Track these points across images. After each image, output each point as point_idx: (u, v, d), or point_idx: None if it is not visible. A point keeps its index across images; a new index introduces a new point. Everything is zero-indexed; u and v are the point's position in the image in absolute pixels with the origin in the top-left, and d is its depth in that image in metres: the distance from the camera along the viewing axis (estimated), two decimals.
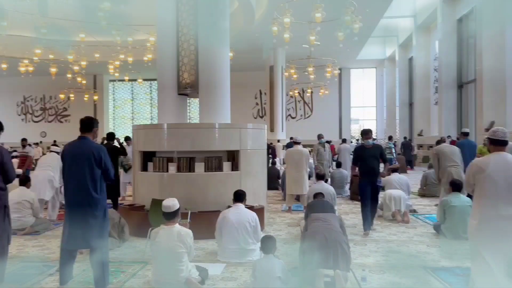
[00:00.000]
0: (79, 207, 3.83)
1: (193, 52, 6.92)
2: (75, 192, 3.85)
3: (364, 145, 6.39)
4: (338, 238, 3.95)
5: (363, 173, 6.28)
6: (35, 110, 29.29)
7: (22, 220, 6.24)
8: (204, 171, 6.40)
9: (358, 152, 6.44)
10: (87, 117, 4.07)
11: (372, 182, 6.21)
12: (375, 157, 6.24)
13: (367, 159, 6.21)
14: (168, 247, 3.85)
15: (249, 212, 5.13)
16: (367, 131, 6.40)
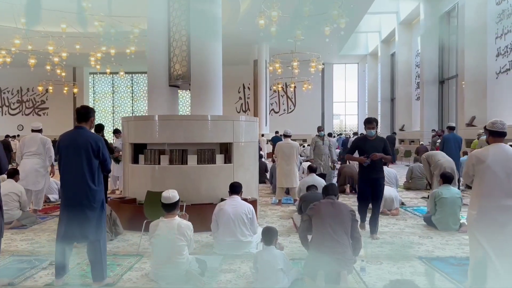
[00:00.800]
0: (76, 199, 3.74)
1: (185, 43, 6.83)
2: (72, 183, 3.75)
3: (366, 136, 5.63)
4: (344, 260, 3.78)
5: (364, 169, 5.52)
6: (11, 102, 28.52)
7: (9, 213, 6.05)
8: (197, 164, 6.34)
9: (358, 144, 5.68)
10: (83, 106, 3.97)
11: (374, 180, 5.52)
12: (378, 150, 5.48)
13: (369, 153, 5.44)
14: (168, 239, 3.80)
15: (246, 204, 5.10)
16: (370, 120, 5.60)
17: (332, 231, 3.81)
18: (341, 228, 3.85)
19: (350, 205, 4.73)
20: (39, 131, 7.47)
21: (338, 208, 3.97)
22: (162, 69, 6.99)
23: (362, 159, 5.44)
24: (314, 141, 9.34)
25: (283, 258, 3.76)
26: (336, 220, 3.86)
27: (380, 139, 5.65)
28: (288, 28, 14.49)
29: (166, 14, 6.97)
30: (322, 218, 3.89)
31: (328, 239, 3.78)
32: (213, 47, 6.88)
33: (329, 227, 3.83)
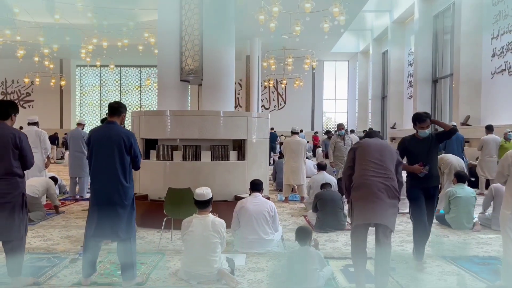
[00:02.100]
0: (108, 196, 3.63)
1: (198, 37, 6.70)
2: (104, 180, 3.64)
3: (416, 135, 4.43)
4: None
5: (415, 177, 4.32)
6: None
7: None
8: (210, 160, 6.25)
9: (407, 147, 4.41)
10: (116, 102, 3.87)
11: (430, 189, 4.35)
12: (433, 154, 4.43)
13: (423, 158, 4.29)
14: (202, 237, 3.72)
15: (268, 201, 5.06)
16: (422, 117, 4.38)
17: (380, 160, 3.58)
18: (390, 162, 3.61)
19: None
20: (35, 124, 7.30)
21: (385, 145, 3.76)
22: (173, 64, 6.85)
23: (418, 169, 4.26)
24: (334, 142, 8.38)
25: (319, 258, 3.73)
26: (385, 153, 3.64)
27: (430, 138, 4.41)
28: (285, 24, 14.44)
29: (178, 7, 6.82)
30: (369, 151, 3.64)
31: (374, 168, 3.57)
32: (226, 41, 6.78)
33: (377, 156, 3.60)
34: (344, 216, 5.95)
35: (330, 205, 5.83)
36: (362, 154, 3.68)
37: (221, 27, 6.71)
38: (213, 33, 6.65)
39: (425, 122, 4.35)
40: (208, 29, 6.65)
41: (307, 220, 6.44)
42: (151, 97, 30.05)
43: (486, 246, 5.12)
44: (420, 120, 4.37)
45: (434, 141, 4.40)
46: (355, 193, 3.63)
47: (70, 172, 8.30)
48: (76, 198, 8.18)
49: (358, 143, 3.87)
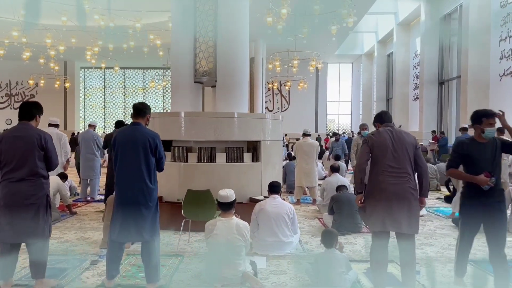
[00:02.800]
0: (133, 197, 3.60)
1: (212, 39, 6.68)
2: (129, 181, 3.61)
3: (477, 138, 3.70)
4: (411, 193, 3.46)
5: (475, 190, 3.63)
6: (0, 96, 27.79)
7: None
8: (225, 162, 6.22)
9: (466, 151, 3.68)
10: (141, 103, 3.83)
11: (492, 205, 3.60)
12: (499, 160, 3.66)
13: (486, 166, 3.59)
14: (227, 240, 3.69)
15: (287, 204, 5.03)
16: (486, 112, 3.74)
17: (395, 161, 3.47)
18: (406, 158, 3.51)
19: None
20: (56, 126, 7.28)
21: (399, 137, 3.58)
22: (187, 65, 6.83)
23: (484, 180, 3.54)
24: (356, 144, 7.62)
25: (345, 261, 3.69)
26: (399, 148, 3.52)
27: (494, 142, 3.66)
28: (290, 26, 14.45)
29: (192, 9, 6.81)
30: (383, 150, 3.52)
31: (390, 172, 3.47)
32: (240, 43, 6.75)
33: (392, 157, 3.48)
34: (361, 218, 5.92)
35: (346, 207, 5.79)
36: (376, 155, 3.60)
37: (236, 28, 6.69)
38: (228, 34, 6.63)
39: (492, 118, 3.67)
40: (222, 30, 6.63)
41: (322, 222, 6.41)
42: (154, 99, 30.09)
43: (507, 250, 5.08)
44: (487, 115, 3.67)
45: (498, 146, 3.65)
46: (370, 198, 3.59)
47: (82, 174, 8.28)
48: (88, 200, 8.14)
49: (371, 137, 3.69)
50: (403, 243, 3.51)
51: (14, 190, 3.51)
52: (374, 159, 3.62)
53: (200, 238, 5.44)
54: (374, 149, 3.60)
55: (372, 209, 3.56)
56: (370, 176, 3.64)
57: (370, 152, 3.63)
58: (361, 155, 3.69)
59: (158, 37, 16.98)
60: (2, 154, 3.55)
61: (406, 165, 3.51)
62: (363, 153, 3.67)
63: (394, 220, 3.49)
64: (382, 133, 3.64)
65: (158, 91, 29.73)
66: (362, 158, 3.69)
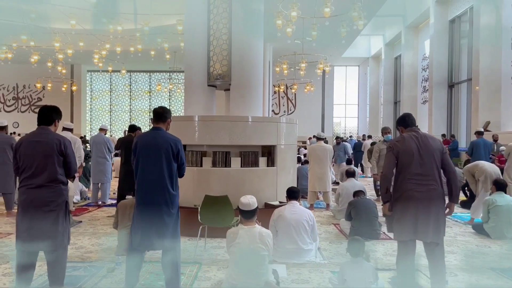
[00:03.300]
0: (155, 204, 3.50)
1: (226, 42, 6.61)
2: (151, 188, 3.51)
3: None
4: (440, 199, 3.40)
5: None
6: (7, 99, 27.84)
7: None
8: (240, 167, 6.13)
9: None
10: (161, 107, 3.74)
11: None
12: None
13: None
14: (250, 249, 3.57)
15: (306, 210, 4.91)
16: None
17: (422, 168, 3.40)
18: (432, 164, 3.44)
19: None
20: (70, 130, 7.24)
21: (425, 143, 3.50)
22: (201, 68, 6.76)
23: None
24: (378, 149, 7.05)
25: (372, 270, 3.58)
26: (426, 154, 3.45)
27: None
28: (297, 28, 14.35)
29: (206, 12, 6.74)
30: (409, 158, 3.44)
31: (417, 180, 3.40)
32: (254, 46, 6.68)
33: (419, 164, 3.41)
34: (380, 224, 5.81)
35: (364, 213, 5.68)
36: (401, 162, 3.50)
37: (250, 31, 6.62)
38: (242, 37, 6.56)
39: None
40: (237, 33, 6.56)
41: (339, 228, 6.29)
42: (161, 102, 30.03)
43: None
44: None
45: None
46: (397, 207, 3.49)
47: (93, 178, 8.21)
48: (99, 204, 8.07)
49: (395, 144, 3.58)
50: (431, 252, 3.41)
51: (32, 196, 3.42)
52: (400, 167, 3.52)
53: (216, 244, 5.35)
54: (400, 156, 3.50)
55: (399, 217, 3.45)
56: (396, 184, 3.54)
57: (396, 160, 3.52)
58: (387, 164, 3.59)
59: (165, 40, 16.95)
60: (21, 159, 3.46)
61: (433, 171, 3.43)
62: (389, 162, 3.57)
63: (421, 229, 3.41)
64: (407, 139, 3.53)
65: (164, 94, 29.72)
66: (388, 167, 3.59)
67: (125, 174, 7.00)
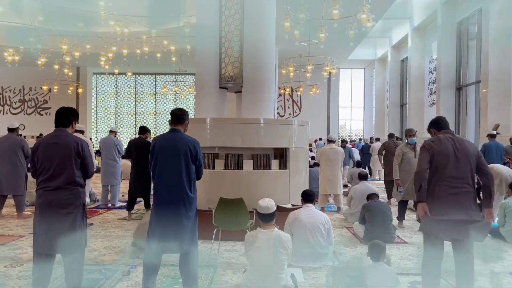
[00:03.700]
0: (173, 207, 3.46)
1: (238, 43, 6.58)
2: (169, 190, 3.47)
3: None
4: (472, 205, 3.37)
5: None
6: (13, 101, 27.93)
7: None
8: (253, 169, 6.08)
9: None
10: (179, 109, 3.70)
11: None
12: None
13: None
14: (269, 253, 3.53)
15: (322, 213, 4.87)
16: None
17: (457, 170, 3.36)
18: (467, 167, 3.41)
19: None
20: (81, 132, 7.29)
21: (460, 146, 3.48)
22: (212, 70, 6.73)
23: None
24: (401, 152, 6.59)
25: (393, 275, 3.52)
26: (461, 158, 3.42)
27: None
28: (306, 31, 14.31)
29: (217, 14, 6.71)
30: (445, 160, 3.41)
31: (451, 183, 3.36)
32: (267, 48, 6.64)
33: (454, 167, 3.37)
34: (394, 228, 5.74)
35: (379, 216, 5.61)
36: (436, 164, 3.44)
37: (262, 33, 6.58)
38: (254, 39, 6.52)
39: None
40: (249, 35, 6.53)
41: (352, 232, 6.23)
42: (166, 104, 30.07)
43: None
44: None
45: None
46: (431, 208, 3.42)
47: (103, 180, 8.18)
48: (108, 207, 8.04)
49: (431, 145, 3.52)
50: (461, 255, 3.34)
51: (50, 199, 3.39)
52: (434, 168, 3.46)
53: (230, 247, 5.30)
54: (435, 157, 3.45)
55: (431, 220, 3.39)
56: (428, 186, 3.48)
57: (431, 161, 3.47)
58: (421, 161, 3.53)
59: (172, 42, 16.95)
60: (39, 161, 3.43)
61: (467, 175, 3.37)
62: (423, 161, 3.50)
63: (455, 230, 3.35)
64: (443, 140, 3.48)
65: (169, 97, 29.75)
66: (422, 166, 3.52)
67: (136, 177, 6.98)
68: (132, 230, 6.25)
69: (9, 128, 7.08)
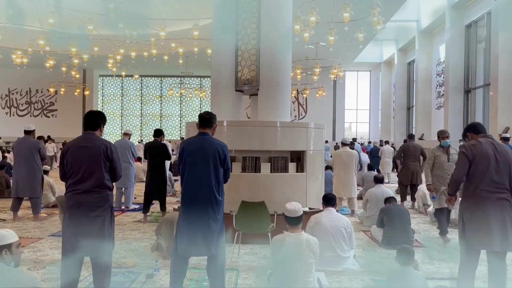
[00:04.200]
0: (201, 210, 3.46)
1: (255, 46, 6.58)
2: (198, 193, 3.48)
3: None
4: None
5: None
6: (20, 103, 28.03)
7: None
8: (270, 172, 6.08)
9: None
10: (207, 112, 3.71)
11: None
12: None
13: None
14: (298, 257, 3.52)
15: (344, 217, 4.86)
16: None
17: (497, 175, 3.34)
18: (506, 174, 3.38)
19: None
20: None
21: (500, 151, 3.45)
22: (228, 73, 6.73)
23: None
24: (433, 156, 6.13)
25: (423, 279, 3.50)
26: (501, 163, 3.40)
27: None
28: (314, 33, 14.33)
29: (234, 17, 6.72)
30: (486, 166, 3.38)
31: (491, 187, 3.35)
32: (283, 50, 6.63)
33: (494, 173, 3.35)
34: (413, 231, 5.72)
35: (398, 220, 5.59)
36: (476, 168, 3.43)
37: (279, 36, 6.57)
38: (271, 42, 6.51)
39: None
40: (266, 38, 6.52)
41: (369, 235, 6.21)
42: (172, 107, 30.14)
43: None
44: None
45: None
46: (468, 214, 3.44)
47: (117, 183, 8.17)
48: (122, 209, 8.04)
49: (471, 148, 3.48)
50: (499, 260, 3.33)
51: (79, 202, 3.39)
52: (473, 172, 3.44)
53: (249, 250, 5.30)
54: (475, 161, 3.43)
55: (472, 226, 3.40)
56: (467, 190, 3.46)
57: (469, 165, 3.45)
58: (459, 169, 3.52)
59: (180, 45, 16.98)
60: (68, 165, 3.44)
61: (506, 180, 3.38)
62: (461, 167, 3.49)
63: (497, 238, 3.34)
64: (484, 144, 3.47)
65: (175, 99, 29.80)
66: (460, 172, 3.52)
67: (151, 180, 6.99)
68: (148, 233, 6.28)
69: (26, 131, 7.10)
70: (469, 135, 3.63)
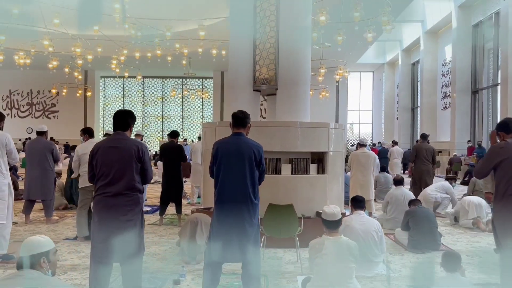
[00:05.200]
0: (236, 214, 3.31)
1: (273, 45, 6.43)
2: (233, 196, 3.32)
3: None
4: None
5: None
6: (21, 105, 27.82)
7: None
8: (291, 174, 5.92)
9: None
10: (241, 111, 3.54)
11: None
12: None
13: None
14: (338, 261, 3.37)
15: (374, 220, 4.71)
16: None
17: None
18: None
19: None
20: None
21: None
22: (246, 73, 6.57)
23: None
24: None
25: (470, 286, 3.36)
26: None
27: None
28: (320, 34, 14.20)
29: (252, 15, 6.57)
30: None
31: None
32: (303, 50, 6.48)
33: None
34: (440, 235, 5.57)
35: (425, 223, 5.43)
36: (505, 171, 3.30)
37: (298, 34, 6.42)
38: (290, 41, 6.36)
39: None
40: (284, 36, 6.37)
41: (393, 238, 6.05)
42: (173, 108, 29.97)
43: None
44: None
45: None
46: (502, 219, 3.30)
47: None
48: None
49: (498, 152, 3.37)
50: None
51: (110, 205, 3.23)
52: (502, 175, 3.30)
53: (273, 255, 5.15)
54: (503, 164, 3.30)
55: (502, 231, 3.23)
56: (497, 195, 3.33)
57: (495, 166, 3.32)
58: (482, 166, 3.44)
59: (184, 46, 16.82)
60: (98, 166, 3.28)
61: None
62: (485, 166, 3.39)
63: None
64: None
65: (177, 100, 29.63)
66: (481, 170, 3.44)
67: (168, 183, 6.83)
68: (166, 236, 6.12)
69: (38, 132, 6.93)
70: (501, 134, 3.47)
